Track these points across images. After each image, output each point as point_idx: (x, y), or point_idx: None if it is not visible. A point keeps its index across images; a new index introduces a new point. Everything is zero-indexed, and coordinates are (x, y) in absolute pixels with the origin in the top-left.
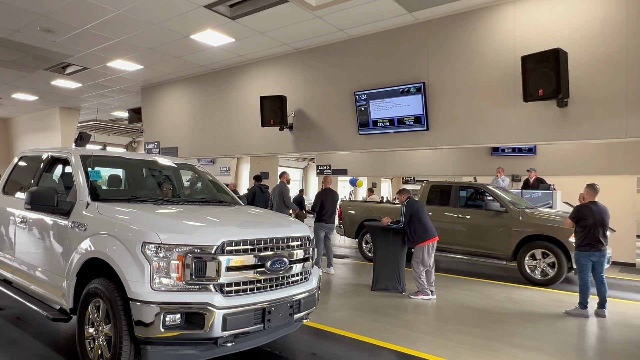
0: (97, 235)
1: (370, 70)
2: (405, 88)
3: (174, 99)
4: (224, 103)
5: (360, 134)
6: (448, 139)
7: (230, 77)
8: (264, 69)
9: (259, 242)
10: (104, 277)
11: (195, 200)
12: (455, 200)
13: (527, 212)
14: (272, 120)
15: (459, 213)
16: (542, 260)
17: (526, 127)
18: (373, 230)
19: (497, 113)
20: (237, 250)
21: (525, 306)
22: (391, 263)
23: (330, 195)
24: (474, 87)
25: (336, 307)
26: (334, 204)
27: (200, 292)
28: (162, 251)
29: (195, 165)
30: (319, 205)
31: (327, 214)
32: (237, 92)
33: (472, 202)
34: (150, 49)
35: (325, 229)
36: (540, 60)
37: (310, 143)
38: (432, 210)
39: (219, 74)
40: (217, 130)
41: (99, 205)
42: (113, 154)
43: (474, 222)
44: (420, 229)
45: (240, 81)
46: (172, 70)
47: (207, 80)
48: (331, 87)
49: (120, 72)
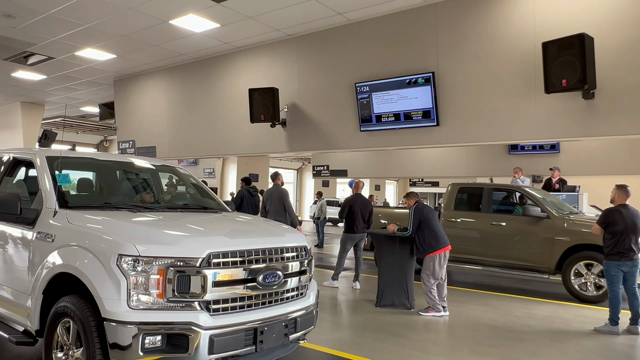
0: (67, 247)
1: (373, 58)
2: (412, 79)
3: (152, 93)
4: (208, 96)
5: (362, 130)
6: (460, 135)
7: (215, 67)
8: (253, 58)
9: (249, 253)
10: (75, 295)
11: (177, 206)
12: (487, 204)
13: (572, 218)
14: (262, 116)
15: (492, 220)
16: (589, 272)
17: (548, 121)
18: (377, 238)
19: (515, 106)
20: (225, 262)
21: (548, 323)
22: (398, 276)
23: (361, 201)
24: (490, 77)
25: (337, 326)
26: (365, 212)
27: (184, 310)
28: (141, 264)
29: (176, 167)
30: (346, 213)
31: (358, 223)
32: (223, 84)
33: (508, 206)
34: (124, 35)
35: (354, 240)
36: (563, 47)
37: (306, 141)
38: (460, 216)
39: (202, 63)
40: (200, 127)
41: (68, 213)
42: (83, 154)
43: (511, 229)
44: (430, 237)
45: (227, 72)
46: (149, 59)
47: (189, 71)
48: (329, 78)
49: (90, 62)
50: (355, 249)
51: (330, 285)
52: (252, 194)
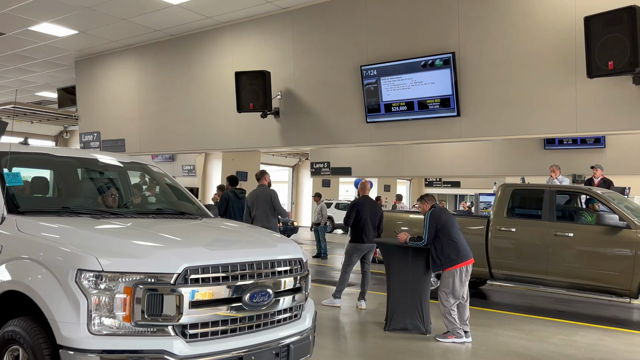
0: (16, 260)
1: (382, 37)
2: (428, 60)
3: (120, 76)
4: (187, 81)
5: (368, 121)
6: (486, 127)
7: (196, 46)
8: (240, 36)
9: (234, 267)
10: (25, 317)
11: (148, 211)
12: (549, 210)
13: None
14: (251, 104)
15: (556, 229)
16: None
17: (591, 111)
18: (386, 249)
19: (552, 93)
20: (204, 279)
21: (593, 353)
22: (411, 294)
23: (369, 204)
24: (521, 58)
25: (338, 355)
26: (375, 217)
27: (155, 336)
28: (104, 281)
29: (148, 164)
30: (353, 218)
31: (368, 231)
32: (205, 66)
33: (574, 212)
34: (87, 8)
35: (362, 251)
36: (609, 23)
37: (302, 134)
38: (514, 224)
39: (180, 41)
40: (178, 117)
41: (18, 219)
42: (38, 149)
43: (581, 241)
44: (449, 248)
45: (209, 52)
46: (116, 36)
47: (165, 50)
48: (330, 59)
49: (47, 38)
50: (363, 261)
51: (331, 304)
52: (240, 196)
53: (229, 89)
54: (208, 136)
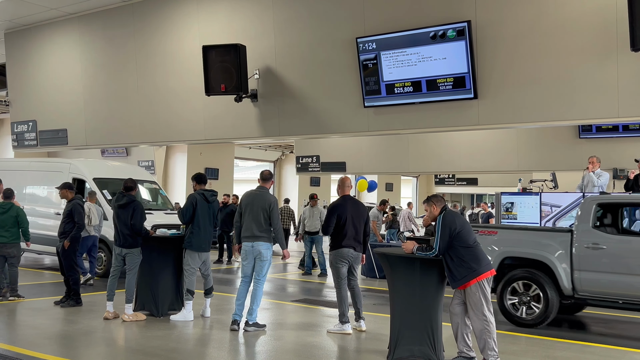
0: None
1: (383, 2)
2: (439, 31)
3: (61, 52)
4: (143, 57)
5: (366, 106)
6: (508, 112)
7: (155, 14)
8: (209, 2)
9: None
10: None
11: None
12: None
13: None
14: (222, 86)
15: None
16: None
17: (636, 91)
18: (389, 262)
19: (588, 70)
20: None
21: None
22: (419, 314)
23: (351, 205)
24: (550, 29)
25: None
26: (360, 220)
27: None
28: None
29: None
30: (333, 223)
31: (349, 237)
32: (166, 39)
33: None
34: None
35: (347, 260)
36: None
37: (286, 121)
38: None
39: (134, 9)
40: (133, 101)
41: None
42: None
43: None
44: (470, 257)
45: (171, 21)
46: (55, 3)
47: (116, 19)
48: (319, 30)
49: None
50: (349, 276)
51: (341, 331)
52: (209, 199)
53: (195, 67)
54: (169, 125)
